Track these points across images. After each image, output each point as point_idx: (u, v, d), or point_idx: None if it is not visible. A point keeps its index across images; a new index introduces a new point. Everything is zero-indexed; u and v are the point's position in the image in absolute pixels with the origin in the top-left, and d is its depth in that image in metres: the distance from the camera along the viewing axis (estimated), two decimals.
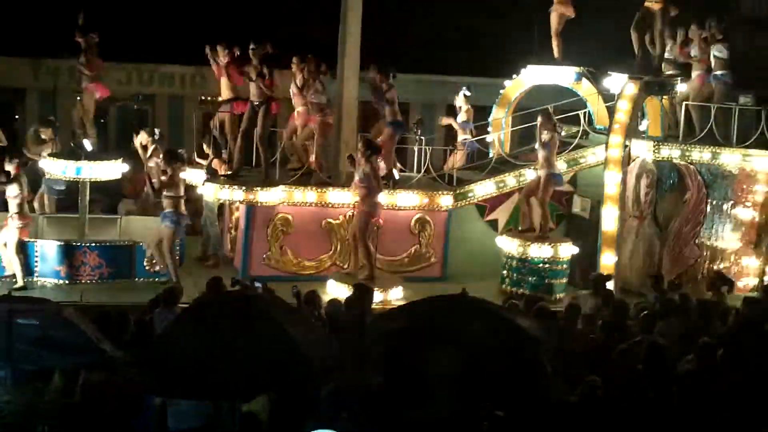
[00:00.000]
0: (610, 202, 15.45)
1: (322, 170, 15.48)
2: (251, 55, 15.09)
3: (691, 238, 16.00)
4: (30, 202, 15.29)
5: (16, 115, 23.56)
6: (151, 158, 17.30)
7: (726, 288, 13.58)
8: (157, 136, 17.53)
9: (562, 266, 15.24)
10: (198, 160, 16.49)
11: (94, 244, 14.43)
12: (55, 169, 15.06)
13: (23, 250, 14.02)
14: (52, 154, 15.52)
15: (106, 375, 8.56)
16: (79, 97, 15.71)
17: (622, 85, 15.93)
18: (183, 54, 21.81)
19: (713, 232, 15.89)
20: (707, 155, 15.71)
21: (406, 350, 8.61)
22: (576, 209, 16.52)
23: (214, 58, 16.00)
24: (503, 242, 15.57)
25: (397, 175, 15.76)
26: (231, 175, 15.20)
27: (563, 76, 17.38)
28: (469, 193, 16.15)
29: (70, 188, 15.88)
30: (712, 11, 16.19)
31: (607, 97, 16.63)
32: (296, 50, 15.44)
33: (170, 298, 11.20)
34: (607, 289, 13.35)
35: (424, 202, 15.60)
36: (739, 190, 15.82)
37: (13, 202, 13.74)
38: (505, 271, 15.43)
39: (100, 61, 15.23)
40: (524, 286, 15.04)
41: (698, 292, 14.01)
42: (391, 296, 14.30)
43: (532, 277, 15.12)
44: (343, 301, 11.75)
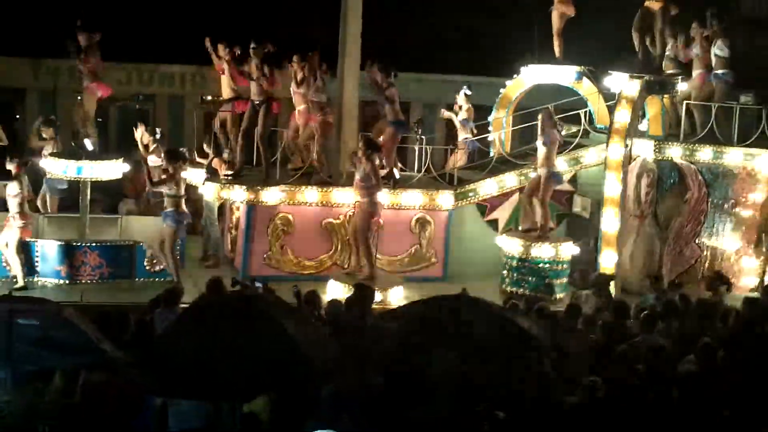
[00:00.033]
0: (610, 204, 15.43)
1: (323, 170, 15.48)
2: (252, 55, 15.11)
3: (691, 238, 15.99)
4: (31, 201, 15.29)
5: (17, 115, 23.54)
6: (151, 154, 17.21)
7: (724, 288, 13.59)
8: (158, 136, 17.52)
9: (563, 266, 15.24)
10: (198, 159, 16.49)
11: (94, 244, 14.42)
12: (56, 168, 15.06)
13: (25, 250, 14.03)
14: (53, 154, 15.53)
15: (106, 375, 8.56)
16: (79, 97, 15.71)
17: (622, 84, 15.90)
18: (183, 54, 21.80)
19: (714, 232, 15.91)
20: (711, 155, 15.70)
21: (407, 350, 8.62)
22: (576, 209, 16.52)
23: (216, 52, 15.98)
24: (503, 242, 15.57)
25: (397, 174, 15.75)
26: (233, 175, 15.21)
27: (564, 75, 17.36)
28: (470, 193, 16.15)
29: (71, 188, 15.89)
30: (713, 11, 16.14)
31: (608, 97, 16.62)
32: (296, 50, 15.42)
33: (171, 298, 11.19)
34: (608, 290, 13.36)
35: (425, 201, 15.61)
36: (739, 190, 15.80)
37: (14, 201, 13.73)
38: (505, 271, 15.42)
39: (99, 61, 15.23)
40: (524, 286, 15.03)
41: (698, 292, 13.99)
42: (392, 296, 14.29)
43: (533, 277, 15.11)
44: (344, 301, 11.76)
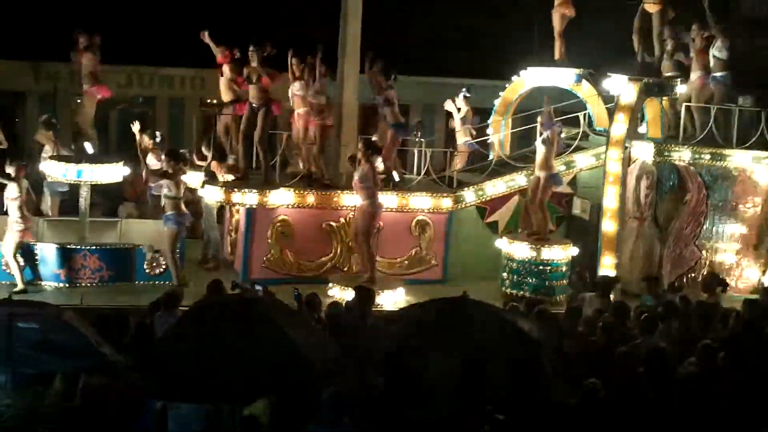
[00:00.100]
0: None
1: (323, 173, 15.47)
2: (250, 57, 15.10)
3: (691, 240, 15.99)
4: (36, 203, 15.31)
5: (16, 119, 23.54)
6: (152, 152, 17.05)
7: (720, 288, 13.60)
8: (158, 139, 17.48)
9: (563, 268, 15.24)
10: (198, 162, 16.48)
11: (94, 247, 14.41)
12: (56, 171, 15.04)
13: (28, 254, 14.02)
14: (53, 157, 15.53)
15: (106, 379, 8.56)
16: (79, 100, 15.70)
17: (621, 88, 15.89)
18: (183, 56, 21.80)
19: (713, 234, 15.90)
20: (716, 157, 15.67)
21: (407, 352, 8.62)
22: (576, 211, 16.52)
23: (216, 47, 15.91)
24: (503, 244, 15.56)
25: (396, 176, 15.75)
26: (240, 179, 15.20)
27: (563, 77, 17.36)
28: (469, 195, 16.13)
29: (71, 190, 15.88)
30: (713, 11, 16.12)
31: (607, 99, 16.62)
32: (296, 51, 15.39)
33: (171, 301, 11.18)
34: (611, 292, 13.35)
35: (425, 204, 15.59)
36: (739, 192, 15.81)
37: (13, 204, 13.69)
38: (505, 273, 15.41)
39: (99, 63, 15.21)
40: (525, 288, 15.02)
41: (696, 293, 13.99)
42: (392, 299, 14.28)
43: (533, 279, 15.11)
44: (344, 304, 11.76)
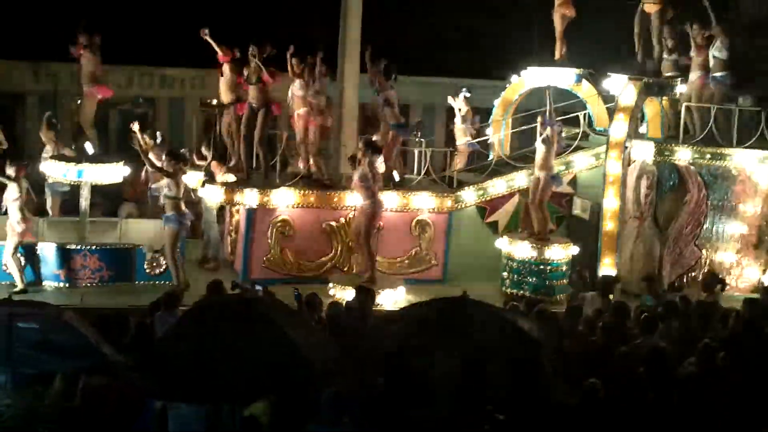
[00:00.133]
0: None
1: (322, 172, 15.47)
2: (250, 58, 15.10)
3: (691, 240, 15.99)
4: (36, 203, 15.30)
5: (16, 119, 23.53)
6: (153, 152, 17.00)
7: (719, 287, 13.60)
8: (158, 140, 17.48)
9: (563, 267, 15.24)
10: (198, 162, 16.48)
11: (94, 248, 14.41)
12: (57, 171, 15.06)
13: (30, 254, 14.02)
14: (53, 157, 15.53)
15: (106, 379, 8.56)
16: (79, 101, 15.69)
17: (621, 89, 15.90)
18: (184, 57, 21.80)
19: (713, 233, 15.90)
20: (716, 157, 15.66)
21: (407, 353, 8.61)
22: (576, 211, 16.52)
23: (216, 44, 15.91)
24: (503, 244, 15.56)
25: (397, 176, 15.75)
26: (241, 179, 15.20)
27: (563, 77, 17.35)
28: (469, 195, 16.13)
29: (72, 191, 15.88)
30: (713, 11, 16.10)
31: (607, 99, 16.61)
32: (296, 50, 15.39)
33: (171, 301, 11.18)
34: (612, 292, 13.35)
35: (425, 203, 15.59)
36: (739, 191, 15.81)
37: (13, 205, 13.69)
38: (505, 273, 15.42)
39: (99, 63, 15.19)
40: (525, 288, 15.03)
41: (696, 293, 13.99)
42: (392, 298, 14.29)
43: (533, 278, 15.11)
44: (344, 304, 11.76)
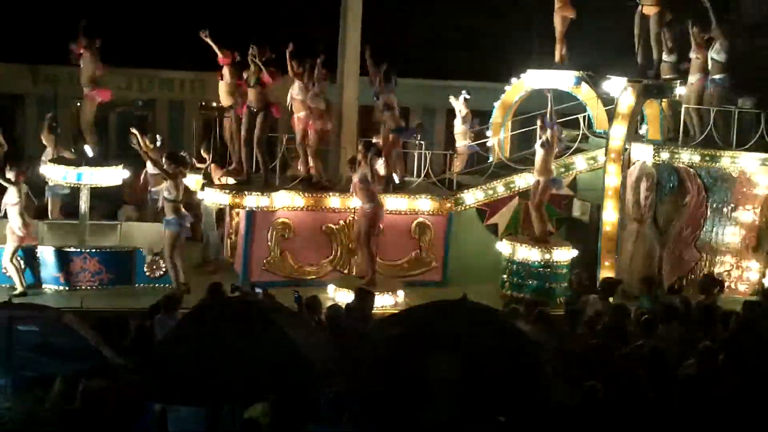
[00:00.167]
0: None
1: (320, 175, 15.47)
2: (249, 61, 15.10)
3: (691, 242, 15.98)
4: (36, 206, 15.30)
5: (16, 121, 23.54)
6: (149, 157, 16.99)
7: (717, 290, 13.60)
8: (158, 143, 17.47)
9: (563, 270, 15.24)
10: (198, 165, 16.49)
11: (94, 250, 14.42)
12: (56, 174, 15.07)
13: (31, 257, 14.00)
14: (53, 160, 15.54)
15: (106, 381, 8.55)
16: (79, 103, 15.69)
17: (620, 89, 15.90)
18: (183, 59, 21.80)
19: (713, 235, 15.90)
20: (716, 159, 15.65)
21: (407, 355, 8.59)
22: (576, 213, 16.52)
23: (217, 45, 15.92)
24: (503, 246, 15.56)
25: (396, 179, 15.76)
26: (242, 181, 15.21)
27: (563, 80, 17.35)
28: (469, 198, 16.14)
29: (72, 193, 15.88)
30: (713, 12, 16.07)
31: (607, 101, 16.62)
32: (297, 51, 15.37)
33: (170, 304, 11.20)
34: (613, 294, 13.34)
35: (425, 206, 15.60)
36: (739, 193, 15.81)
37: (13, 209, 13.68)
38: (505, 275, 15.43)
39: (99, 66, 15.19)
40: (525, 290, 15.03)
41: (694, 295, 13.99)
42: (392, 301, 14.29)
43: (533, 281, 15.12)
44: (344, 306, 11.76)
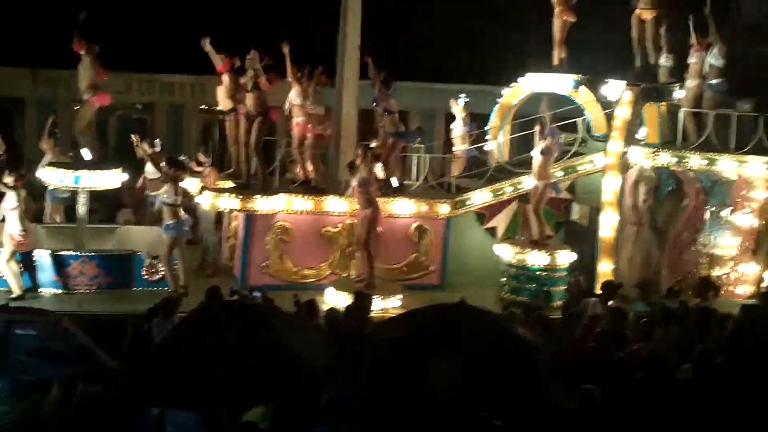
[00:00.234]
0: (609, 206, 15.47)
1: (320, 179, 15.48)
2: (247, 66, 15.11)
3: (689, 245, 15.99)
4: (34, 210, 15.30)
5: (15, 125, 23.56)
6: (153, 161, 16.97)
7: (712, 293, 13.61)
8: (158, 148, 17.46)
9: (561, 273, 15.24)
10: (196, 168, 16.49)
11: (92, 254, 14.40)
12: (54, 178, 15.06)
13: (27, 261, 13.99)
14: (51, 164, 15.54)
15: (104, 385, 8.56)
16: (77, 107, 15.70)
17: (619, 93, 15.91)
18: (183, 63, 21.80)
19: (712, 239, 15.90)
20: (714, 162, 15.64)
21: (405, 358, 8.60)
22: (574, 217, 16.53)
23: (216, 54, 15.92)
24: (502, 250, 15.57)
25: (395, 182, 15.77)
26: (244, 185, 15.23)
27: (561, 83, 17.37)
28: (468, 201, 16.16)
29: (72, 197, 15.87)
30: (712, 16, 16.08)
31: (605, 105, 16.62)
32: (296, 54, 15.37)
33: (168, 307, 11.21)
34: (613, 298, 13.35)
35: (423, 210, 15.61)
36: (737, 197, 15.81)
37: (12, 214, 13.65)
38: (504, 279, 15.43)
39: (100, 71, 15.18)
40: (523, 294, 15.04)
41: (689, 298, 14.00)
42: (390, 304, 14.29)
43: (531, 284, 15.12)
44: (343, 310, 11.76)
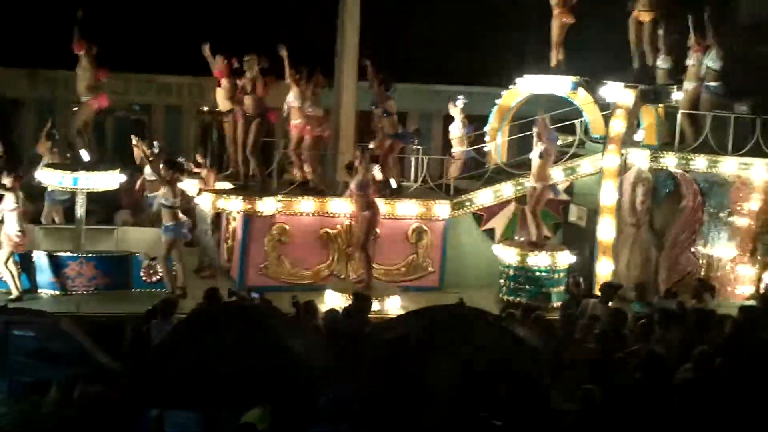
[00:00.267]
0: (606, 213, 15.46)
1: (315, 180, 15.47)
2: (245, 68, 15.10)
3: (687, 246, 15.99)
4: (33, 212, 15.28)
5: (13, 126, 23.52)
6: (152, 163, 16.99)
7: (708, 295, 13.62)
8: (156, 149, 17.44)
9: (560, 275, 15.24)
10: (194, 170, 16.46)
11: (90, 255, 14.38)
12: (52, 179, 15.04)
13: (25, 262, 13.96)
14: (49, 165, 15.52)
15: (103, 387, 8.55)
16: (75, 108, 15.67)
17: (617, 94, 15.92)
18: (181, 64, 21.78)
19: (709, 240, 15.91)
20: (712, 164, 15.60)
21: (404, 360, 8.61)
22: (572, 218, 16.53)
23: (215, 59, 15.91)
24: (500, 251, 15.57)
25: (394, 184, 15.77)
26: (242, 186, 15.22)
27: (559, 85, 17.37)
28: (466, 203, 16.16)
29: (71, 198, 15.86)
30: (711, 18, 16.08)
31: (603, 106, 16.63)
32: (295, 54, 15.36)
33: (167, 308, 11.20)
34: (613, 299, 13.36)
35: (422, 211, 15.61)
36: (735, 198, 15.81)
37: (11, 215, 13.62)
38: (502, 280, 15.42)
39: (98, 72, 15.16)
40: (522, 295, 15.03)
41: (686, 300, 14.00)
42: (389, 306, 14.29)
43: (530, 285, 15.11)
44: (342, 311, 11.76)
